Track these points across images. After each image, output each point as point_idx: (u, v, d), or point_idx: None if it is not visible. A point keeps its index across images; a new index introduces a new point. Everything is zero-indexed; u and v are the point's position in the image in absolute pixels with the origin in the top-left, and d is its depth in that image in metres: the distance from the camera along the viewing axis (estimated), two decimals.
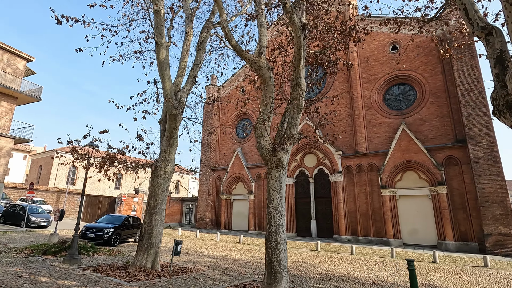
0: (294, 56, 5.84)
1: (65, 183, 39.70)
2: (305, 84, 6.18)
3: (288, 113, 6.34)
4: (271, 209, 5.70)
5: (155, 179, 8.35)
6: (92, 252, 10.27)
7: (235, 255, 12.66)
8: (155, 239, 7.90)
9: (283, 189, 5.88)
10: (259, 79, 6.34)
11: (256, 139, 6.35)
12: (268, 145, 6.06)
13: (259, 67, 6.18)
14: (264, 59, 6.32)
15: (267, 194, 5.92)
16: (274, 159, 5.88)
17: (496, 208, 16.79)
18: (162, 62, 8.26)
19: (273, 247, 5.45)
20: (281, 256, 5.41)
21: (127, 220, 14.64)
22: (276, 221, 5.59)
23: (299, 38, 5.53)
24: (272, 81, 6.33)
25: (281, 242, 5.50)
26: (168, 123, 8.39)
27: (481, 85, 18.50)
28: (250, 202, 26.93)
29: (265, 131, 6.17)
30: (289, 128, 6.20)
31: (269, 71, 6.17)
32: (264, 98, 6.38)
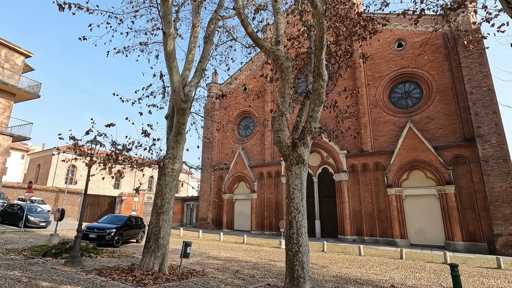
0: (315, 44, 5.44)
1: (64, 182, 39.13)
2: (326, 75, 5.78)
3: (308, 105, 5.93)
4: (292, 209, 5.28)
5: (162, 177, 7.91)
6: (95, 254, 9.82)
7: (242, 256, 12.24)
8: (162, 240, 7.47)
9: (304, 186, 5.48)
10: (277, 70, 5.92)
11: (273, 134, 5.94)
12: (288, 140, 5.65)
13: (277, 56, 5.76)
14: (282, 47, 5.90)
15: (286, 192, 5.51)
16: (294, 154, 5.47)
17: (506, 208, 16.46)
18: (170, 53, 7.82)
19: (295, 249, 5.03)
20: (304, 259, 5.00)
21: (130, 220, 14.18)
22: (297, 221, 5.18)
23: (321, 24, 5.12)
24: (290, 71, 5.92)
25: (304, 244, 5.10)
26: (176, 118, 7.95)
27: (490, 83, 18.16)
28: (252, 201, 26.51)
29: (284, 125, 5.76)
30: (309, 122, 5.79)
31: (287, 61, 5.76)
32: (283, 90, 5.97)
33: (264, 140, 27.33)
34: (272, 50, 5.78)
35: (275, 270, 9.31)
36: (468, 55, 19.09)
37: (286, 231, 5.33)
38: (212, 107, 31.01)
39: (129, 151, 7.25)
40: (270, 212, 25.57)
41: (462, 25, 19.79)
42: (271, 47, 5.83)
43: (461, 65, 19.24)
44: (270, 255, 13.33)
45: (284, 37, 8.61)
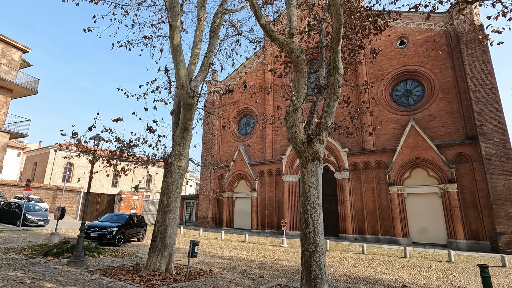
0: (331, 37, 5.24)
1: (61, 180, 38.69)
2: (342, 68, 5.59)
3: (318, 101, 5.74)
4: (308, 207, 5.10)
5: (168, 174, 7.68)
6: (97, 253, 9.58)
7: (246, 255, 12.06)
8: (169, 240, 7.26)
9: (320, 184, 5.30)
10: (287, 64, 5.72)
11: (287, 129, 5.74)
12: (303, 135, 5.45)
13: (292, 49, 5.56)
14: (297, 40, 5.70)
15: (301, 190, 5.33)
16: (310, 151, 5.28)
17: (509, 206, 16.44)
18: (177, 47, 7.57)
19: (311, 249, 4.85)
20: (321, 259, 4.83)
21: (131, 219, 13.93)
22: (314, 220, 5.00)
23: (339, 16, 4.92)
24: (305, 64, 5.72)
25: (321, 243, 4.92)
26: (183, 113, 7.72)
27: (493, 81, 18.09)
28: (253, 200, 26.33)
29: (298, 120, 5.57)
30: (324, 117, 5.61)
31: (302, 54, 5.56)
32: (297, 84, 5.77)
33: (265, 138, 27.14)
34: (286, 42, 5.58)
35: (282, 269, 9.14)
36: (471, 53, 19.01)
37: (301, 230, 5.16)
38: (212, 105, 30.71)
39: (136, 147, 7.01)
40: (271, 210, 25.42)
41: (465, 23, 19.69)
42: (285, 40, 5.63)
43: (464, 63, 19.14)
44: (274, 254, 13.17)
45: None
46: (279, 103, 27.55)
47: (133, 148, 6.95)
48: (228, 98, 30.81)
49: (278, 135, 26.69)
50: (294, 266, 9.89)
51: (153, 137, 10.30)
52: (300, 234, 5.18)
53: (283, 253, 13.47)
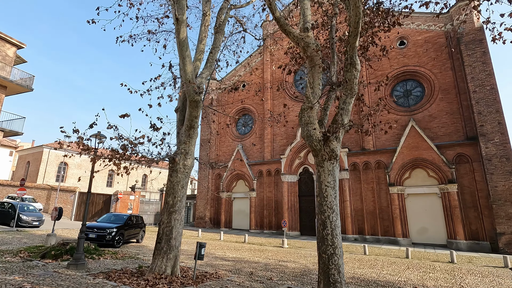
0: (350, 31, 5.06)
1: (54, 180, 37.97)
2: (359, 64, 5.41)
3: (340, 97, 5.56)
4: (325, 208, 4.90)
5: (174, 173, 7.42)
6: (97, 255, 9.25)
7: (249, 257, 11.83)
8: (174, 241, 7.00)
9: (337, 184, 5.10)
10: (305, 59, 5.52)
11: (301, 127, 5.54)
12: (319, 133, 5.25)
13: (307, 43, 5.36)
14: (312, 34, 5.50)
15: (318, 190, 5.12)
16: (327, 149, 5.08)
17: (509, 207, 16.49)
18: (183, 41, 7.31)
19: (329, 252, 4.65)
20: (340, 262, 4.63)
21: (130, 219, 13.58)
22: (332, 221, 4.80)
23: (358, 9, 4.74)
24: (320, 60, 5.52)
25: (339, 246, 4.72)
26: (189, 111, 7.47)
27: (493, 81, 18.15)
28: (251, 200, 26.09)
29: (313, 117, 5.37)
30: (341, 115, 5.42)
31: (317, 49, 5.37)
32: (312, 80, 5.57)
33: (264, 137, 26.93)
34: (301, 37, 5.38)
35: (289, 271, 8.94)
36: (471, 54, 19.06)
37: (318, 232, 4.95)
38: (210, 104, 30.39)
39: (141, 145, 6.73)
40: (270, 211, 25.22)
41: (465, 23, 19.75)
42: (300, 34, 5.42)
43: (464, 63, 19.18)
44: (277, 255, 12.97)
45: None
46: (277, 102, 27.38)
47: (139, 146, 6.67)
48: (227, 97, 30.54)
49: (277, 135, 26.51)
50: (300, 268, 9.69)
51: (158, 135, 9.94)
52: (317, 236, 4.98)
53: (285, 254, 13.27)
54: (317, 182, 5.23)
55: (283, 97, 26.92)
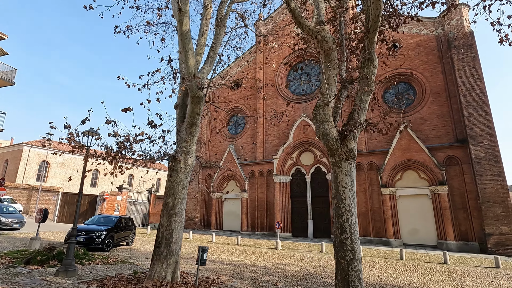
0: (369, 25, 4.83)
1: (35, 179, 36.28)
2: (377, 60, 5.20)
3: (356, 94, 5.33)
4: (343, 210, 4.64)
5: (174, 173, 6.99)
6: (87, 260, 8.66)
7: (246, 260, 11.48)
8: (175, 246, 6.58)
9: (355, 185, 4.86)
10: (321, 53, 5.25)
11: (316, 125, 5.27)
12: (335, 132, 5.00)
13: (323, 37, 5.10)
14: (328, 28, 5.25)
15: (335, 192, 4.87)
16: (344, 148, 4.84)
17: (498, 208, 16.86)
18: (186, 33, 6.91)
19: (349, 257, 4.40)
20: (360, 268, 4.39)
21: (120, 221, 12.93)
22: (350, 225, 4.55)
23: (379, 1, 4.53)
24: (336, 54, 5.28)
25: (358, 251, 4.48)
26: (191, 107, 7.06)
27: (482, 85, 18.57)
28: (243, 201, 25.71)
29: (329, 115, 5.12)
30: (357, 113, 5.20)
31: (334, 43, 5.12)
32: (327, 75, 5.31)
33: (256, 138, 26.61)
34: (317, 30, 5.12)
35: (291, 275, 8.66)
36: (462, 58, 19.46)
37: (335, 236, 4.69)
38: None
39: (141, 142, 6.28)
40: (262, 212, 24.92)
41: (456, 29, 20.18)
42: (316, 27, 5.16)
43: (455, 67, 19.55)
44: (273, 257, 12.68)
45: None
46: (270, 102, 27.16)
47: (139, 143, 6.21)
48: (217, 97, 30.06)
49: (270, 135, 26.27)
50: (301, 271, 9.44)
51: (156, 132, 9.47)
52: (334, 240, 4.72)
53: (281, 257, 13.00)
54: (333, 183, 4.98)
55: (276, 97, 26.72)
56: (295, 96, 26.16)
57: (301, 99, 25.52)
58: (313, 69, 26.44)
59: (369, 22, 4.82)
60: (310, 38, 5.31)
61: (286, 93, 26.55)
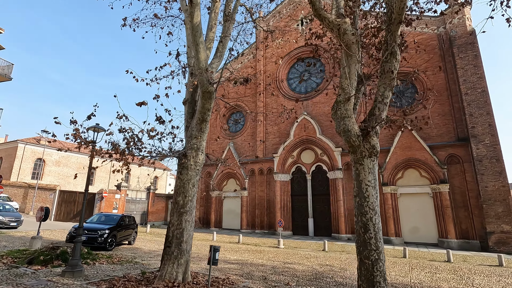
0: (393, 18, 4.69)
1: (30, 177, 35.69)
2: (399, 54, 5.07)
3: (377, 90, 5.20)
4: (367, 209, 4.51)
5: (184, 170, 6.80)
6: (91, 260, 8.43)
7: (251, 259, 11.34)
8: (186, 245, 6.40)
9: (377, 183, 4.73)
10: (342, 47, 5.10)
11: (337, 121, 5.12)
12: (357, 128, 4.86)
13: (344, 30, 4.94)
14: (349, 21, 5.10)
15: (357, 190, 4.73)
16: (367, 145, 4.69)
17: (499, 206, 16.94)
18: (197, 26, 6.69)
19: (373, 257, 4.26)
20: (384, 269, 4.26)
21: (123, 220, 12.68)
22: (375, 224, 4.41)
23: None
24: (356, 48, 5.12)
25: (383, 251, 4.35)
26: (201, 102, 6.86)
27: (484, 84, 18.61)
28: (243, 199, 25.55)
29: (351, 110, 4.97)
30: (378, 108, 5.06)
31: (355, 36, 4.96)
32: (348, 69, 5.16)
33: (256, 136, 26.44)
34: (337, 23, 4.96)
35: (300, 275, 8.53)
36: (463, 57, 19.47)
37: (358, 235, 4.56)
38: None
39: (153, 138, 6.07)
40: (262, 210, 24.78)
41: (458, 27, 20.19)
42: (337, 20, 5.00)
43: (456, 66, 19.56)
44: (278, 256, 12.55)
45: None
46: (270, 100, 26.99)
47: (153, 139, 6.00)
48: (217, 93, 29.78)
49: (270, 133, 26.11)
50: (309, 270, 9.32)
51: (166, 129, 9.17)
52: (357, 240, 4.59)
53: (286, 255, 12.89)
54: (354, 181, 4.84)
55: (277, 95, 26.54)
56: (295, 94, 26.02)
57: (302, 97, 25.38)
58: (314, 67, 26.30)
59: (393, 15, 4.68)
60: (330, 31, 5.15)
61: (287, 91, 26.40)
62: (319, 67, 26.03)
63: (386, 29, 4.95)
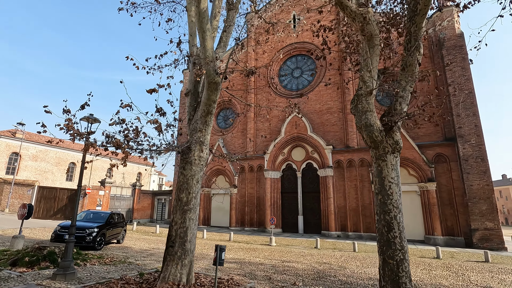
0: (418, 9, 4.51)
1: (4, 172, 33.64)
2: (422, 47, 4.92)
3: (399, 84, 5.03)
4: (391, 207, 4.33)
5: (188, 165, 6.40)
6: (82, 261, 7.85)
7: (247, 257, 11.07)
8: (189, 245, 6.03)
9: (400, 180, 4.56)
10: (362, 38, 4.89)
11: (357, 116, 4.92)
12: (379, 122, 4.67)
13: (367, 20, 4.73)
14: (372, 10, 4.89)
15: (379, 187, 4.55)
16: (390, 141, 4.52)
17: (483, 204, 17.53)
18: (204, 12, 6.28)
19: (399, 257, 4.10)
20: (409, 269, 4.10)
21: (112, 218, 12.03)
22: (399, 222, 4.25)
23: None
24: (379, 40, 4.93)
25: (407, 250, 4.19)
26: (207, 94, 6.47)
27: (471, 86, 19.15)
28: (232, 197, 25.20)
29: (372, 104, 4.78)
30: (400, 103, 4.89)
31: (377, 27, 4.76)
32: (369, 62, 4.96)
33: (246, 132, 26.10)
34: (360, 12, 4.73)
35: (302, 273, 8.35)
36: (452, 59, 19.94)
37: (381, 234, 4.38)
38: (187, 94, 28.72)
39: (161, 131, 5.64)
40: (251, 207, 24.54)
41: (447, 30, 20.65)
42: (359, 9, 4.77)
43: (445, 68, 20.01)
44: (274, 254, 12.36)
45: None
46: (261, 97, 26.72)
47: (164, 132, 5.56)
48: None
49: (261, 130, 25.83)
50: (309, 269, 9.17)
51: (168, 121, 8.72)
52: (379, 239, 4.41)
53: (281, 253, 12.72)
54: (376, 177, 4.66)
55: (268, 92, 26.28)
56: (287, 91, 25.87)
57: (293, 94, 25.27)
58: (305, 64, 26.24)
59: (418, 5, 4.51)
60: (351, 21, 4.92)
61: (279, 88, 26.18)
62: (310, 65, 25.99)
63: (410, 20, 4.79)
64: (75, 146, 40.90)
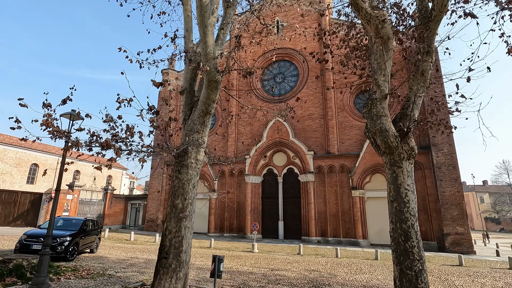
0: (433, 15, 4.49)
1: None
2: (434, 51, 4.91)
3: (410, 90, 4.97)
4: (408, 215, 4.20)
5: (183, 169, 5.91)
6: (55, 274, 6.98)
7: (233, 266, 10.63)
8: (185, 256, 5.52)
9: (415, 187, 4.46)
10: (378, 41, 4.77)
11: (371, 121, 4.78)
12: (393, 128, 4.55)
13: (382, 22, 4.63)
14: (386, 13, 4.80)
15: (395, 195, 4.40)
16: (406, 147, 4.41)
17: (454, 210, 18.45)
18: (206, 6, 5.88)
19: (417, 268, 3.96)
20: (428, 279, 3.96)
21: (86, 225, 10.98)
22: (416, 231, 4.13)
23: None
24: (393, 43, 4.85)
25: (425, 260, 4.05)
26: (206, 93, 6.05)
27: (444, 99, 20.22)
28: (211, 201, 24.53)
29: (387, 109, 4.67)
30: (412, 109, 4.83)
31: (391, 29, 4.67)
32: (384, 65, 4.85)
33: (228, 136, 25.63)
34: (375, 15, 4.63)
35: (296, 282, 8.08)
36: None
37: (397, 244, 4.23)
38: (169, 95, 27.79)
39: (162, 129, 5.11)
40: (231, 213, 24.01)
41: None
42: (374, 12, 4.67)
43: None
44: (260, 262, 12.00)
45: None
46: (243, 100, 26.42)
47: (169, 131, 5.04)
48: None
49: (242, 134, 25.50)
50: (302, 278, 8.93)
51: (161, 120, 8.09)
52: (395, 248, 4.26)
53: (267, 261, 12.39)
54: (391, 185, 4.53)
55: (250, 96, 26.06)
56: (269, 96, 25.83)
57: (276, 99, 25.28)
58: (288, 70, 26.41)
59: (433, 11, 4.50)
60: (366, 23, 4.81)
61: (261, 93, 26.07)
62: (293, 71, 26.19)
63: (424, 26, 4.78)
64: (38, 146, 37.91)
